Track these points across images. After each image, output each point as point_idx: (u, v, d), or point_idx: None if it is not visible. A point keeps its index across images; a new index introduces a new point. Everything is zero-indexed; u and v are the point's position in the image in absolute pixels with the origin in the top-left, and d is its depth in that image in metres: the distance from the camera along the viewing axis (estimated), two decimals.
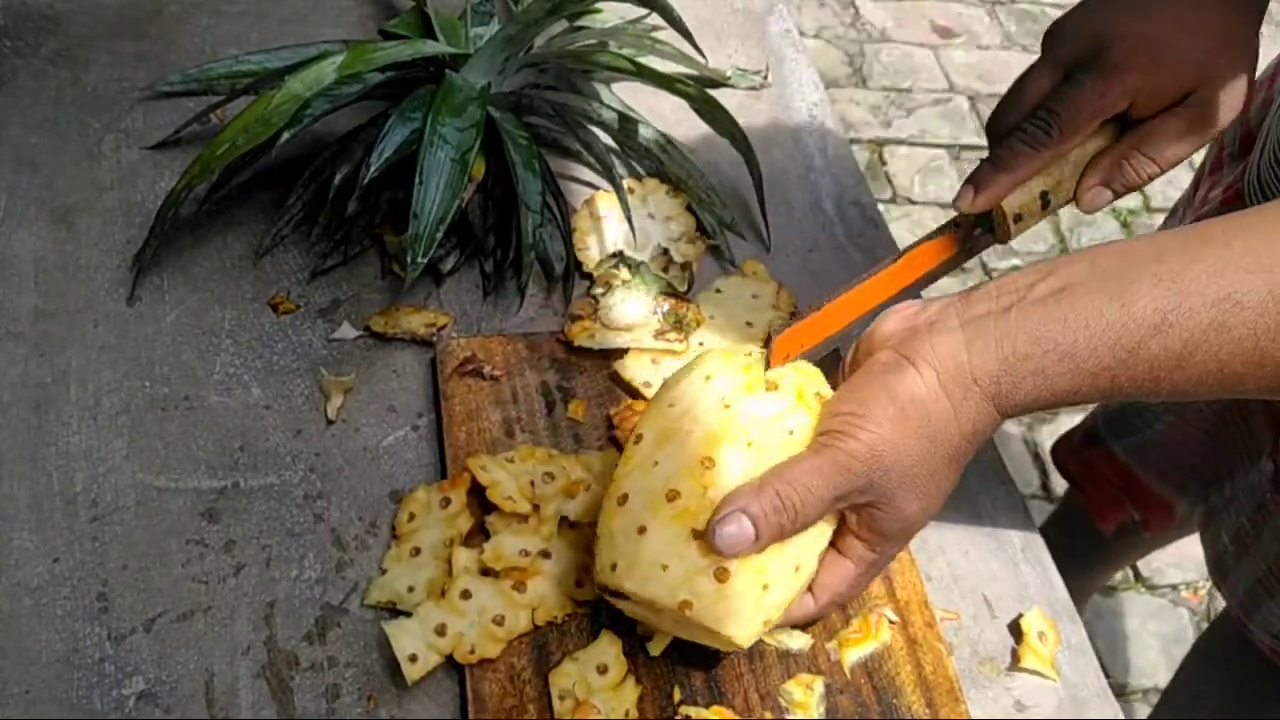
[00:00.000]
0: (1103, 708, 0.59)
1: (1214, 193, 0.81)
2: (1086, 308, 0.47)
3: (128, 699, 0.53)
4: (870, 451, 0.48)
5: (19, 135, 0.76)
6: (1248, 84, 0.61)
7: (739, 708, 0.55)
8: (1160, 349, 0.46)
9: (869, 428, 0.48)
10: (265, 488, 0.61)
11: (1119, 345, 0.46)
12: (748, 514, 0.48)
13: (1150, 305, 0.46)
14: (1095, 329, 0.46)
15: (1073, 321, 0.47)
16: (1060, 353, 0.47)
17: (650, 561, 0.49)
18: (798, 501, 0.48)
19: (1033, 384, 0.48)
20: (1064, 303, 0.47)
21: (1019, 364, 0.47)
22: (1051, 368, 0.47)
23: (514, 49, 0.71)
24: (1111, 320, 0.46)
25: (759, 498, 0.48)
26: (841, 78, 2.24)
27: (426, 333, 0.68)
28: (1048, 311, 0.47)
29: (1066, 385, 0.47)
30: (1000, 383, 0.48)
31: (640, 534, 0.50)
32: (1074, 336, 0.47)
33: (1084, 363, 0.47)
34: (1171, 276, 0.46)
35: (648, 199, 0.76)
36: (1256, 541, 0.76)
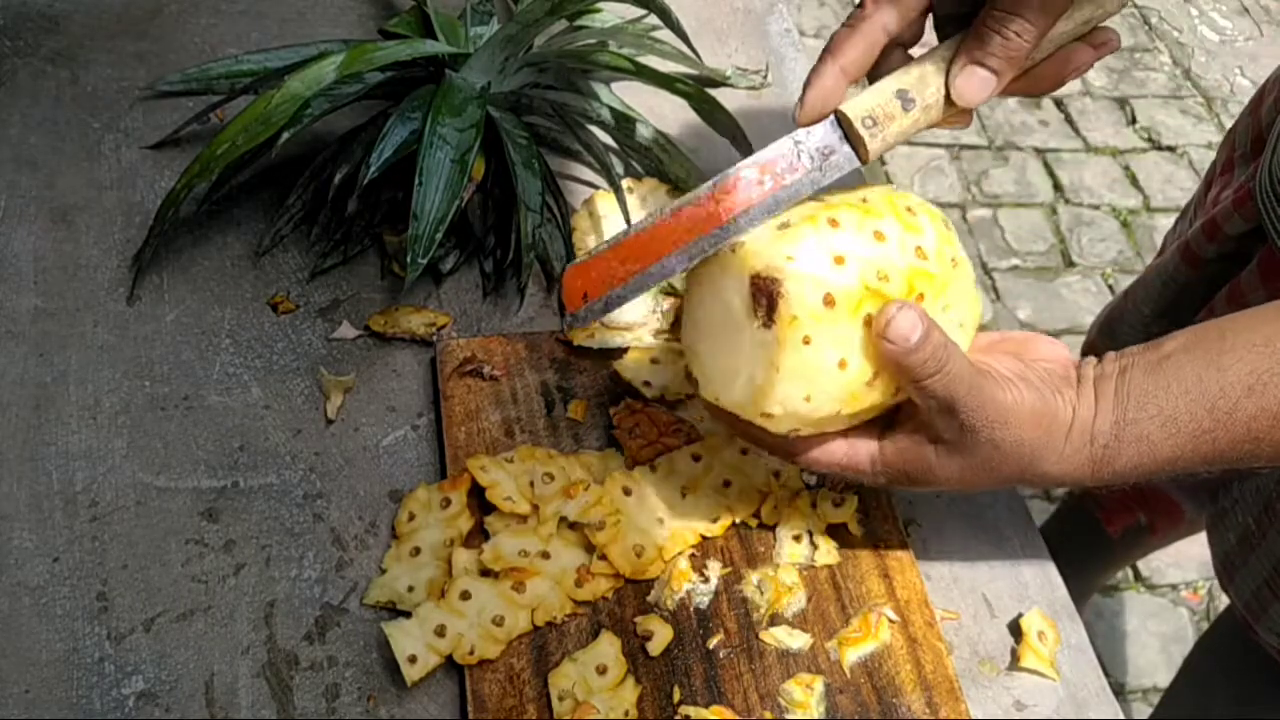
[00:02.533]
0: (1102, 707, 0.59)
1: (1225, 193, 0.81)
2: (1186, 374, 0.49)
3: (127, 699, 0.53)
4: (1005, 411, 0.50)
5: (19, 135, 0.76)
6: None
7: (739, 708, 0.55)
8: (1256, 408, 0.49)
9: (1019, 398, 0.50)
10: (265, 487, 0.61)
11: (1216, 407, 0.49)
12: (927, 324, 0.48)
13: (1245, 367, 0.49)
14: (1194, 393, 0.49)
15: (1174, 388, 0.49)
16: (1163, 418, 0.49)
17: (782, 251, 0.49)
18: (950, 368, 0.49)
19: (1136, 450, 0.50)
20: (1167, 370, 0.50)
21: (1126, 428, 0.50)
22: (1155, 433, 0.50)
23: (514, 49, 0.71)
24: (1209, 383, 0.49)
25: (937, 329, 0.49)
26: None
27: (426, 332, 0.68)
28: (1155, 379, 0.50)
29: (1168, 451, 0.50)
30: (1109, 446, 0.50)
31: (782, 229, 0.50)
32: (1175, 401, 0.49)
33: (1184, 426, 0.49)
34: (1264, 340, 0.49)
35: (647, 199, 0.76)
36: (1263, 543, 0.76)
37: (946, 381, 0.49)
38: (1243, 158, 0.81)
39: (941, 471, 0.52)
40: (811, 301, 0.48)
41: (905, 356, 0.48)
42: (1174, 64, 2.37)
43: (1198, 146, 2.17)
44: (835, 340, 0.49)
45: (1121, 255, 1.99)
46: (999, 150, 2.14)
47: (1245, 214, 0.75)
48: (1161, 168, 2.13)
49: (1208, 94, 2.29)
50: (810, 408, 0.50)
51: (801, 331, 0.48)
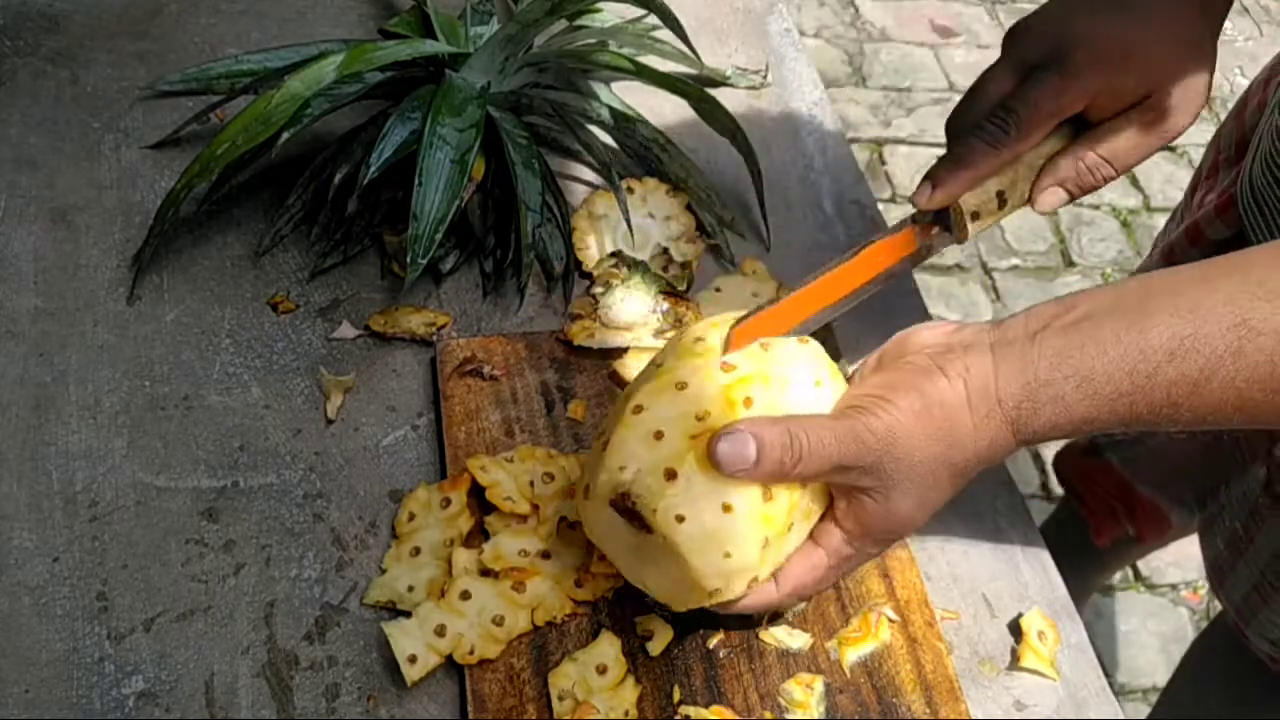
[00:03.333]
0: (1102, 707, 0.59)
1: (1209, 197, 0.81)
2: (1105, 334, 0.48)
3: (127, 698, 0.53)
4: (888, 432, 0.49)
5: (19, 134, 0.76)
6: (1205, 89, 0.61)
7: (739, 707, 0.55)
8: (1176, 374, 0.47)
9: (893, 412, 0.49)
10: (265, 487, 0.61)
11: (1136, 370, 0.47)
12: (756, 437, 0.48)
13: (1167, 331, 0.47)
14: (1113, 355, 0.47)
15: (1091, 348, 0.48)
16: (1079, 378, 0.48)
17: (613, 466, 0.51)
18: (805, 447, 0.48)
19: (1052, 410, 0.48)
20: (1084, 330, 0.48)
21: (1040, 389, 0.48)
22: (1070, 394, 0.48)
23: (514, 48, 0.71)
24: (1128, 346, 0.47)
25: (771, 427, 0.49)
26: (841, 77, 2.24)
27: (426, 332, 0.68)
28: (1069, 339, 0.48)
29: (1084, 411, 0.48)
30: (1021, 407, 0.49)
31: (604, 449, 0.52)
32: (1092, 362, 0.47)
33: (1101, 388, 0.48)
34: (1189, 305, 0.47)
35: (647, 198, 0.76)
36: (1250, 547, 0.76)
37: (816, 459, 0.49)
38: (1227, 161, 0.81)
39: (897, 513, 0.51)
40: (657, 487, 0.50)
41: (758, 472, 0.48)
42: None
43: (1198, 146, 2.17)
44: (706, 498, 0.50)
45: (1121, 255, 1.99)
46: None
47: (1227, 220, 0.75)
48: (1161, 168, 2.13)
49: None
50: (738, 559, 0.51)
51: (672, 513, 0.50)
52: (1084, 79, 0.59)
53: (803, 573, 0.53)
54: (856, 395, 0.51)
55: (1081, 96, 0.60)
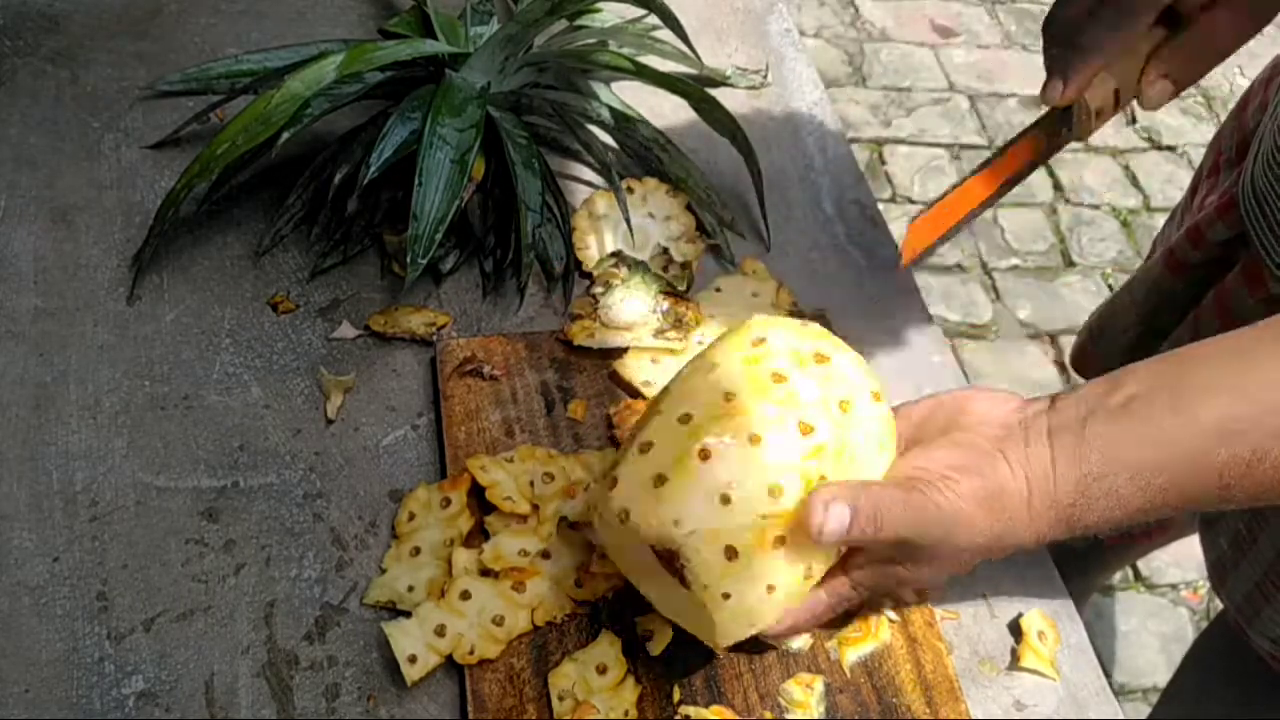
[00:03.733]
0: (1102, 707, 0.59)
1: (1210, 198, 0.81)
2: (1153, 422, 0.48)
3: (127, 698, 0.53)
4: (951, 514, 0.49)
5: (19, 134, 0.76)
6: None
7: (739, 707, 0.55)
8: (1229, 457, 0.47)
9: (960, 493, 0.49)
10: (265, 487, 0.61)
11: (1183, 456, 0.47)
12: (853, 510, 0.48)
13: (1214, 414, 0.47)
14: (1163, 443, 0.47)
15: (1142, 438, 0.48)
16: (1131, 471, 0.48)
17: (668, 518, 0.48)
18: (883, 524, 0.48)
19: (1105, 504, 0.49)
20: (1132, 418, 0.48)
21: (1093, 484, 0.48)
22: (1124, 487, 0.48)
23: (514, 48, 0.71)
24: (1178, 434, 0.47)
25: (863, 496, 0.48)
26: (841, 77, 2.23)
27: (426, 332, 0.68)
28: (1117, 428, 0.48)
29: (1139, 503, 0.48)
30: (1076, 505, 0.49)
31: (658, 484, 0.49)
32: (1143, 453, 0.47)
33: (1154, 478, 0.48)
34: (1232, 384, 0.47)
35: (647, 198, 0.76)
36: (1253, 547, 0.76)
37: (889, 531, 0.49)
38: (1228, 162, 0.81)
39: (919, 580, 0.52)
40: (714, 561, 0.48)
41: (843, 540, 0.48)
42: None
43: (1198, 146, 2.17)
44: (757, 580, 0.49)
45: (1121, 255, 1.99)
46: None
47: (1229, 221, 0.75)
48: (1161, 167, 2.13)
49: (1208, 94, 2.29)
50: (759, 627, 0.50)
51: (719, 590, 0.48)
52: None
53: (801, 610, 0.53)
54: (920, 469, 0.50)
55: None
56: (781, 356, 0.51)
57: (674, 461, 0.49)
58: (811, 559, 0.50)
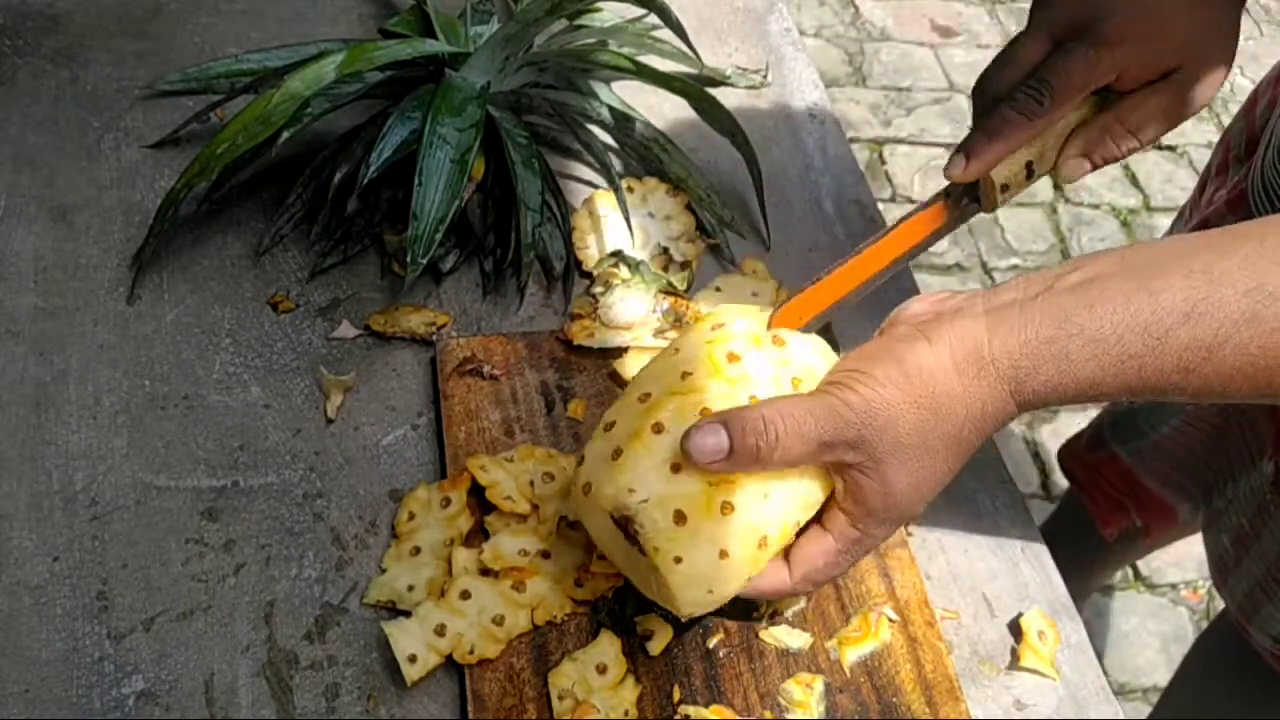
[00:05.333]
0: (1102, 707, 0.59)
1: (1220, 194, 0.81)
2: (1115, 295, 0.46)
3: (127, 698, 0.53)
4: (866, 405, 0.48)
5: (19, 134, 0.76)
6: (1229, 64, 0.61)
7: (739, 707, 0.55)
8: (1189, 338, 0.45)
9: (869, 383, 0.48)
10: (265, 487, 0.61)
11: (1147, 332, 0.46)
12: (727, 426, 0.48)
13: (1180, 294, 0.45)
14: (1123, 315, 0.46)
15: (1100, 308, 0.46)
16: (1086, 337, 0.46)
17: (623, 485, 0.50)
18: (781, 430, 0.48)
19: (1054, 368, 0.47)
20: (1092, 291, 0.47)
21: (1041, 347, 0.47)
22: (1076, 352, 0.46)
23: (513, 48, 0.71)
24: (1140, 307, 0.46)
25: (742, 415, 0.48)
26: (841, 77, 2.23)
27: (426, 332, 0.68)
28: (1075, 299, 0.47)
29: (1090, 372, 0.47)
30: (1020, 365, 0.47)
31: (615, 457, 0.51)
32: (1100, 321, 0.46)
33: (1110, 348, 0.46)
34: (1203, 268, 0.46)
35: (647, 198, 0.76)
36: (1256, 543, 0.76)
37: (794, 439, 0.48)
38: (1237, 159, 0.81)
39: (894, 488, 0.50)
40: (664, 526, 0.49)
41: (734, 461, 0.48)
42: None
43: (1198, 146, 2.17)
44: (708, 544, 0.50)
45: None
46: None
47: (1239, 214, 0.75)
48: (1161, 167, 2.13)
49: None
50: (718, 595, 0.51)
51: (671, 553, 0.50)
52: (1116, 50, 0.59)
53: (814, 556, 0.52)
54: (834, 372, 0.51)
55: (1113, 67, 0.60)
56: (739, 339, 0.53)
57: (630, 435, 0.51)
58: (765, 528, 0.50)
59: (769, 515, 0.50)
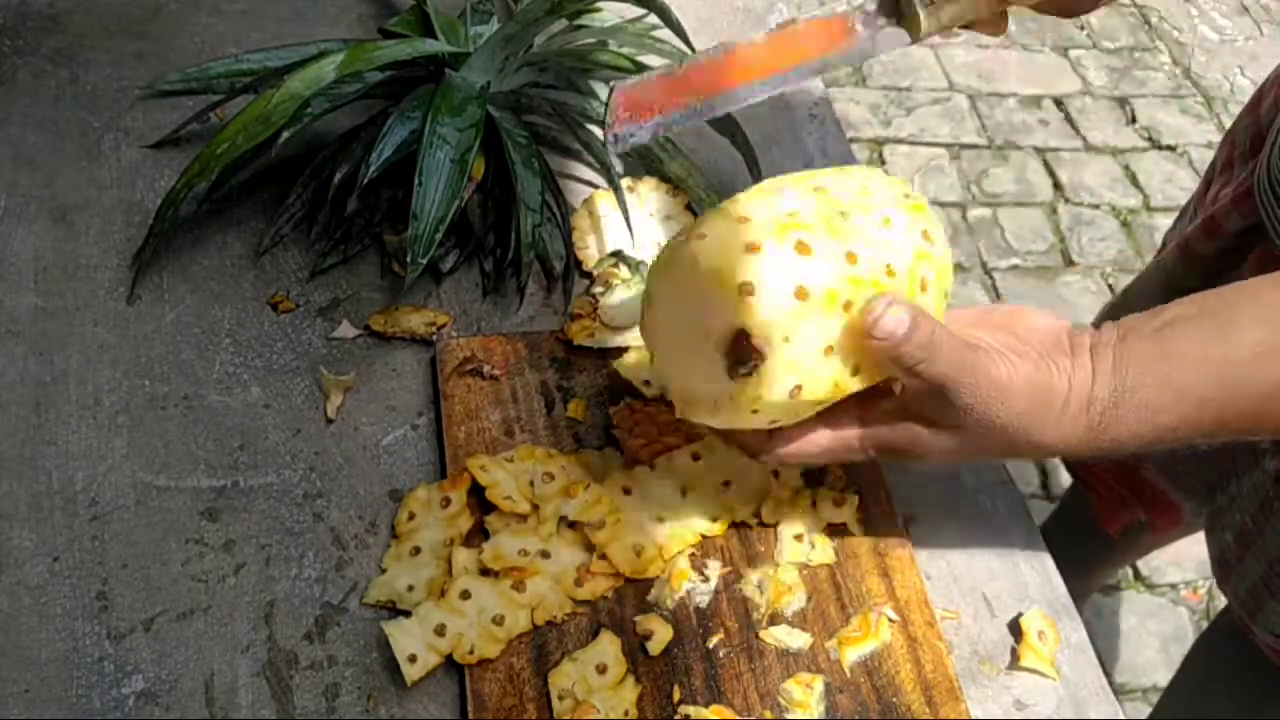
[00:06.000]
0: (1102, 707, 0.59)
1: (1225, 191, 0.81)
2: (1192, 341, 0.48)
3: (127, 698, 0.53)
4: (1002, 387, 0.49)
5: (19, 134, 0.76)
6: None
7: (738, 707, 0.55)
8: (1264, 379, 0.47)
9: (1016, 370, 0.49)
10: (265, 487, 0.61)
11: (1223, 377, 0.48)
12: (914, 318, 0.48)
13: (1253, 337, 0.47)
14: (1200, 360, 0.48)
15: (1179, 354, 0.48)
16: (1166, 384, 0.48)
17: (743, 276, 0.48)
18: (939, 354, 0.48)
19: (1136, 416, 0.49)
20: (1171, 336, 0.49)
21: (1127, 395, 0.49)
22: (1156, 400, 0.48)
23: (514, 48, 0.71)
24: (1215, 352, 0.48)
25: (925, 317, 0.48)
26: (841, 77, 2.23)
27: (426, 332, 0.68)
28: (1155, 345, 0.49)
29: (1169, 420, 0.49)
30: (1106, 414, 0.49)
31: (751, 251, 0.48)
32: (1178, 368, 0.48)
33: (1188, 394, 0.48)
34: (1268, 310, 0.48)
35: (647, 198, 0.76)
36: (1259, 540, 0.76)
37: (938, 368, 0.49)
38: (1242, 156, 0.81)
39: (933, 448, 0.52)
40: (780, 389, 0.48)
41: (895, 350, 0.48)
42: (1174, 63, 2.37)
43: (1198, 146, 2.17)
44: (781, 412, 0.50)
45: (1121, 255, 1.99)
46: (999, 150, 2.14)
47: (1244, 211, 0.76)
48: (1161, 167, 2.13)
49: (1208, 93, 2.29)
50: (788, 405, 0.50)
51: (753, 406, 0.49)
52: None
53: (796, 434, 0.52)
54: (985, 334, 0.51)
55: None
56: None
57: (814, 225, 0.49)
58: (862, 359, 0.50)
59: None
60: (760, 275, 0.47)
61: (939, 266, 0.53)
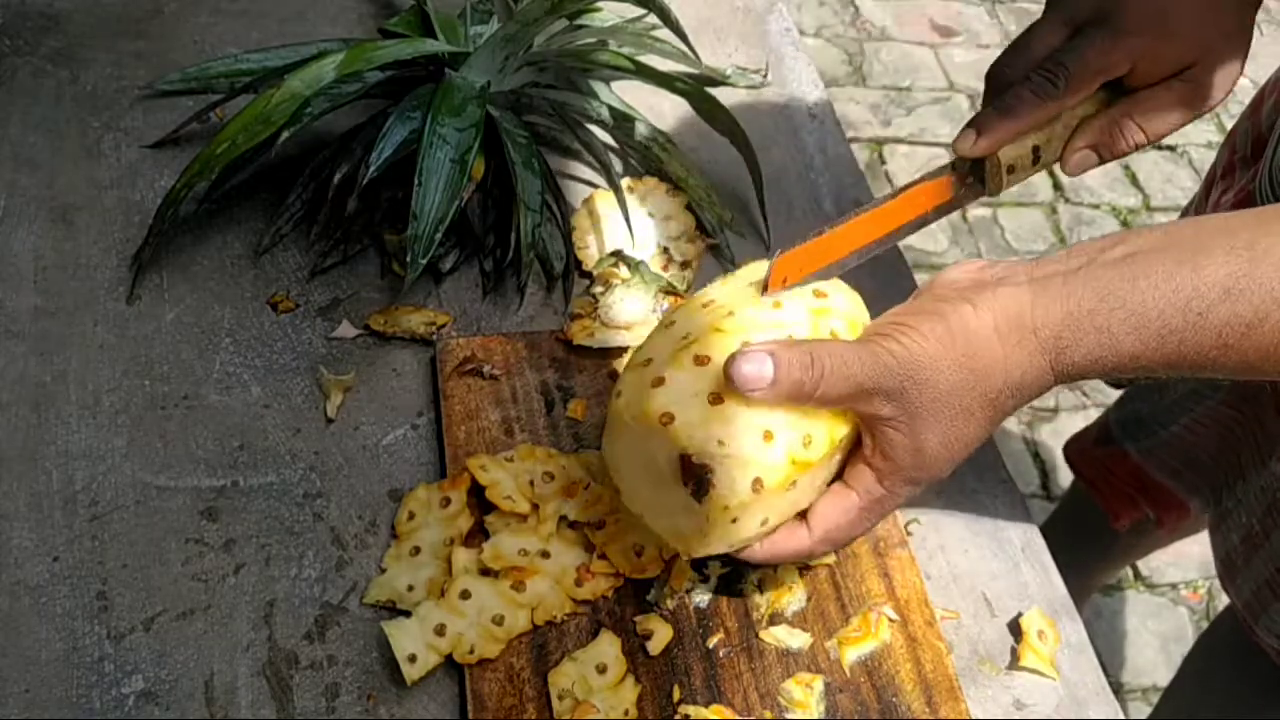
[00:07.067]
0: (1102, 707, 0.59)
1: (1225, 196, 0.81)
2: (1157, 270, 0.47)
3: (127, 698, 0.53)
4: (909, 357, 0.48)
5: (19, 134, 0.76)
6: (1241, 64, 0.61)
7: (738, 707, 0.55)
8: (1230, 314, 0.46)
9: (915, 337, 0.49)
10: (265, 486, 0.61)
11: (1188, 307, 0.46)
12: (773, 356, 0.47)
13: (1222, 270, 0.46)
14: (1165, 290, 0.47)
15: (1143, 282, 0.47)
16: (1128, 310, 0.47)
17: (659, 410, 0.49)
18: (826, 368, 0.48)
19: (1095, 340, 0.48)
20: (1135, 265, 0.47)
21: (1084, 319, 0.48)
22: (1117, 325, 0.47)
23: (513, 48, 0.71)
24: (1182, 282, 0.46)
25: (789, 348, 0.48)
26: (841, 76, 2.23)
27: (426, 332, 0.68)
28: (1118, 272, 0.48)
29: (1130, 346, 0.47)
30: (1061, 336, 0.48)
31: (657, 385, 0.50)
32: (1143, 295, 0.47)
33: (1151, 322, 0.47)
34: (1244, 245, 0.46)
35: (647, 198, 0.76)
36: (1266, 543, 0.76)
37: (837, 379, 0.48)
38: (1243, 160, 0.81)
39: (925, 446, 0.50)
40: (741, 489, 0.49)
41: (776, 391, 0.48)
42: None
43: (1198, 146, 2.17)
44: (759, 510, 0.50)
45: None
46: None
47: None
48: (1161, 167, 2.13)
49: None
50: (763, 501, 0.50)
51: (730, 516, 0.50)
52: (1131, 40, 0.59)
53: (836, 515, 0.52)
54: (879, 324, 0.51)
55: (1128, 57, 0.60)
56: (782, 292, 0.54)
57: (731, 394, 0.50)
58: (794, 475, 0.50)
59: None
60: (671, 400, 0.49)
61: (844, 313, 0.53)
